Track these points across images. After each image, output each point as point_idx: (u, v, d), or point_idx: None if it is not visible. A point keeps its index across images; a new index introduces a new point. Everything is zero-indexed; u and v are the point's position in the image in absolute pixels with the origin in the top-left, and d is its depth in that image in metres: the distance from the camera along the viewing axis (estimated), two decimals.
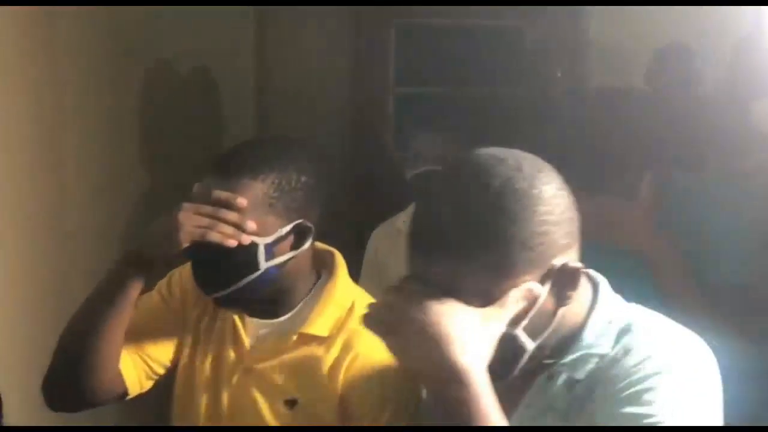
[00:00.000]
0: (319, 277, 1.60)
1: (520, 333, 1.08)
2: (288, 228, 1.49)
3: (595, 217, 1.66)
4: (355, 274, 1.67)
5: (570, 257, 1.11)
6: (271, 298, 1.54)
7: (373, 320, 1.10)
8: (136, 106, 3.13)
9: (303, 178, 1.50)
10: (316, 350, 1.52)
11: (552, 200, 1.08)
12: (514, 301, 1.06)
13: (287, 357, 1.53)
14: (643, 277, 1.69)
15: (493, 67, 4.46)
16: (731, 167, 3.04)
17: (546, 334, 1.11)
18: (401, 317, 1.05)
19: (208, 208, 1.44)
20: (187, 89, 3.71)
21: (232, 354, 1.58)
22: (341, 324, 1.53)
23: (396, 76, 4.56)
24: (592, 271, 1.20)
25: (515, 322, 1.08)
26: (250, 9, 4.24)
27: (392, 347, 1.08)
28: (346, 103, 4.48)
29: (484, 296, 1.06)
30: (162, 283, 1.66)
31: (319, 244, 1.61)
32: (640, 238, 1.67)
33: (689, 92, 3.37)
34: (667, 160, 1.78)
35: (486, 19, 4.49)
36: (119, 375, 1.56)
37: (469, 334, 1.03)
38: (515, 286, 1.06)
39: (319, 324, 1.53)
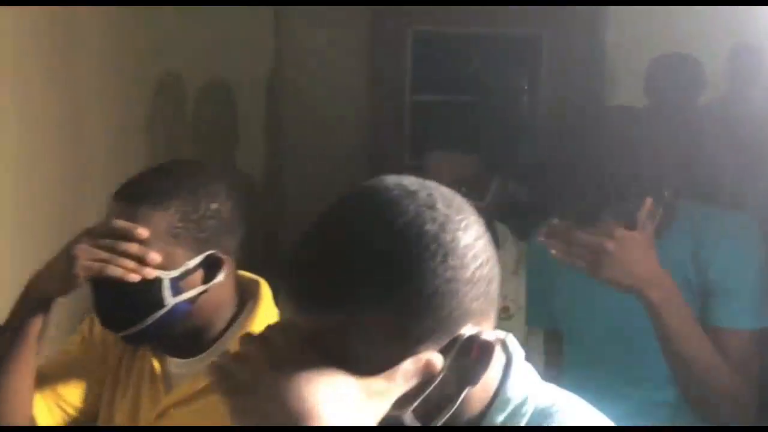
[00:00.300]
0: (242, 311, 1.46)
1: (408, 418, 0.86)
2: (197, 260, 1.37)
3: (583, 249, 1.47)
4: None
5: (483, 327, 0.88)
6: (185, 336, 1.41)
7: (219, 373, 0.83)
8: (149, 111, 3.13)
9: (214, 206, 1.38)
10: None
11: (467, 251, 0.85)
12: (406, 374, 0.83)
13: (202, 399, 1.40)
14: (640, 317, 1.56)
15: (508, 76, 4.44)
16: (745, 194, 2.93)
17: (441, 420, 0.88)
18: (255, 376, 0.81)
19: (106, 241, 1.33)
20: (201, 94, 3.71)
21: (149, 396, 1.46)
22: None
23: (412, 83, 4.56)
24: (509, 339, 0.97)
25: (404, 402, 0.85)
26: (268, 16, 4.24)
27: (235, 411, 0.81)
28: (363, 110, 4.48)
29: (370, 364, 0.83)
30: (84, 324, 1.56)
31: (245, 274, 1.49)
32: (636, 272, 1.47)
33: (693, 103, 3.29)
34: (671, 184, 1.62)
35: (504, 27, 4.48)
36: (33, 422, 1.46)
37: (342, 411, 0.79)
38: (410, 355, 0.83)
39: None
